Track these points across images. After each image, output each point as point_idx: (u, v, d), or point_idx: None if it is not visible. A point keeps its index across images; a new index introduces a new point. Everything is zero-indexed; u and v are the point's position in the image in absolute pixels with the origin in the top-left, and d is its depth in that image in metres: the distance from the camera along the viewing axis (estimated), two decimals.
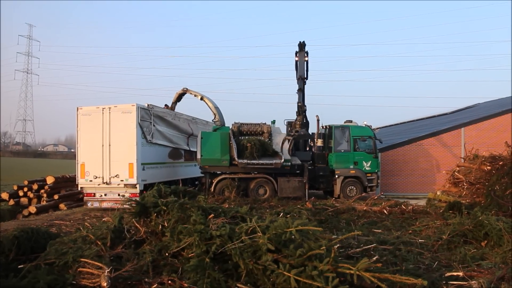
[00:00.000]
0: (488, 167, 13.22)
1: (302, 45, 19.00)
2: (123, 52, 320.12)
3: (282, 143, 17.22)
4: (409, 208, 12.70)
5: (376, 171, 18.56)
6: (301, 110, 18.00)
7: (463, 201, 12.37)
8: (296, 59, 18.91)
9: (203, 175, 18.02)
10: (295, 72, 19.06)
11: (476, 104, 36.40)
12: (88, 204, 15.35)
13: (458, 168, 15.03)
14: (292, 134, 17.27)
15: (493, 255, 7.45)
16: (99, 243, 6.36)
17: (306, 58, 18.85)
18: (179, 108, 21.13)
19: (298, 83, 18.32)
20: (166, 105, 20.62)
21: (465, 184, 13.95)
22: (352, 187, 18.12)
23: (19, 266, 5.88)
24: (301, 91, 18.13)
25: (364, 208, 12.80)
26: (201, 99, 20.65)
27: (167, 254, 6.25)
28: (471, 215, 9.20)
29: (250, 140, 17.03)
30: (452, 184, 14.77)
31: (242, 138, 17.40)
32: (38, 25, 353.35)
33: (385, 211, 12.48)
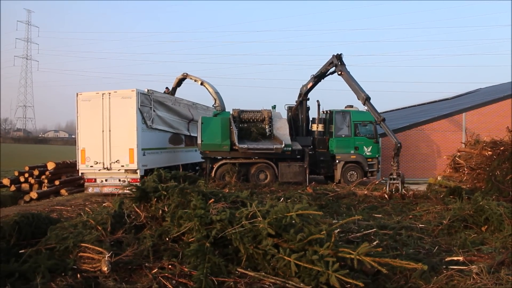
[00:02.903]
0: (489, 152, 13.20)
1: (340, 57, 17.12)
2: (123, 38, 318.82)
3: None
4: (409, 193, 12.72)
5: (377, 156, 18.55)
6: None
7: (464, 186, 12.38)
8: (339, 73, 17.17)
9: (203, 160, 18.02)
10: (318, 73, 18.38)
11: (478, 89, 36.23)
12: (89, 190, 15.36)
13: (459, 153, 15.03)
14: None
15: (494, 240, 7.45)
16: (99, 228, 6.37)
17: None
18: (179, 93, 21.10)
19: (367, 105, 16.17)
20: (167, 88, 20.54)
21: (466, 169, 13.96)
22: (353, 172, 18.13)
23: (20, 251, 5.90)
24: (383, 121, 15.69)
25: (365, 193, 12.82)
26: (202, 84, 20.59)
27: (167, 239, 6.26)
28: (472, 200, 9.19)
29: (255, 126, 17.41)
30: (453, 169, 14.78)
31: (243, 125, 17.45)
32: (37, 11, 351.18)
33: (386, 196, 12.50)
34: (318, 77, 18.35)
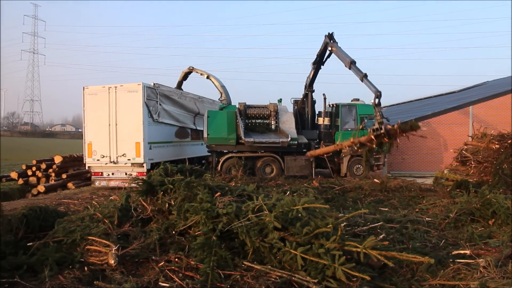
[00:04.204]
0: (496, 146, 13.08)
1: (331, 36, 17.04)
2: (129, 32, 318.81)
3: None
4: (395, 126, 12.39)
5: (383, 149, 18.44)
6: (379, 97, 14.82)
7: (471, 180, 12.30)
8: (330, 49, 17.02)
9: (209, 154, 18.04)
10: (316, 58, 18.32)
11: (485, 82, 35.94)
12: (96, 183, 15.43)
13: (466, 147, 14.91)
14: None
15: (501, 233, 7.42)
16: (106, 221, 6.40)
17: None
18: (185, 87, 21.10)
19: (354, 71, 15.59)
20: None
21: (472, 163, 13.84)
22: (359, 165, 18.06)
23: (28, 244, 5.95)
24: (366, 76, 15.16)
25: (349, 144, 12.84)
26: (207, 77, 20.57)
27: (174, 232, 6.29)
28: (479, 194, 9.13)
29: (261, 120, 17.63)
30: (460, 162, 14.68)
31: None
32: (43, 5, 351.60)
33: (372, 137, 12.23)
34: (317, 63, 18.29)
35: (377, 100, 14.42)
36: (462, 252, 6.18)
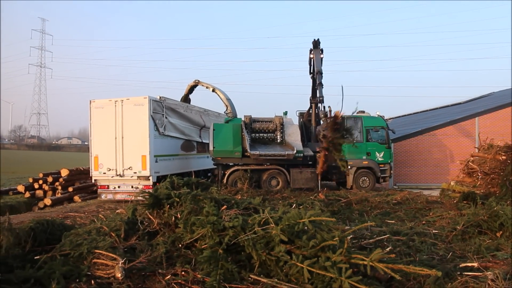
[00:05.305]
0: (503, 157, 13.02)
1: (316, 43, 18.38)
2: (135, 45, 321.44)
3: None
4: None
5: (389, 161, 18.43)
6: (322, 102, 17.61)
7: (478, 192, 12.22)
8: (311, 56, 18.26)
9: (215, 166, 18.05)
10: (308, 68, 18.91)
11: (491, 93, 35.85)
12: (102, 196, 15.47)
13: (472, 158, 14.84)
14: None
15: (509, 245, 7.35)
16: (113, 234, 6.42)
17: (322, 55, 18.50)
18: (191, 100, 21.20)
19: (317, 78, 17.62)
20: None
21: (479, 174, 13.77)
22: (365, 178, 18.03)
23: (35, 257, 5.96)
24: (321, 85, 17.34)
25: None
26: (213, 91, 20.66)
27: (180, 245, 6.29)
28: (486, 206, 9.08)
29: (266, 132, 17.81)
30: (466, 174, 14.59)
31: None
32: (51, 19, 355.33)
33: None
34: (312, 73, 18.64)
35: (319, 105, 16.11)
36: (469, 264, 6.12)
